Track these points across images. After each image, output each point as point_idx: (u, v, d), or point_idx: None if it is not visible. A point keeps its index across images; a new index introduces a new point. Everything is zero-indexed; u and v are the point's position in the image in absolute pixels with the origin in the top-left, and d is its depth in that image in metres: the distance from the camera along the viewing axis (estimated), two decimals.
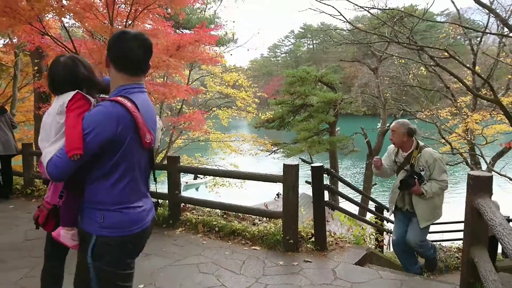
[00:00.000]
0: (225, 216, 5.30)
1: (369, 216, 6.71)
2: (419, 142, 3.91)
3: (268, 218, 5.07)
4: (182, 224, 5.13)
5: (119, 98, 1.73)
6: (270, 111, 20.43)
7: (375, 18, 12.73)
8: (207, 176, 19.78)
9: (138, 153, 1.82)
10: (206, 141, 17.16)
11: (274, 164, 22.89)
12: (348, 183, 5.09)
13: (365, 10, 11.17)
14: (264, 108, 21.55)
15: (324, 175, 4.31)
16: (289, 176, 4.22)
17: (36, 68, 10.56)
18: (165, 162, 6.06)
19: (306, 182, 4.69)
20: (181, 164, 5.33)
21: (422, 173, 3.75)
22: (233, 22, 24.20)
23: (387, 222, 6.07)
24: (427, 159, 3.76)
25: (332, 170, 4.35)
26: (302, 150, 17.87)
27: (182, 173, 5.56)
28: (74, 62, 2.04)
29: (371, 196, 19.31)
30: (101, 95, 4.35)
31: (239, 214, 5.30)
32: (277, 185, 4.98)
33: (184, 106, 16.11)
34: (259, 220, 5.17)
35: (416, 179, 3.69)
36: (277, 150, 19.08)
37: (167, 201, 5.29)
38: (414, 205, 3.83)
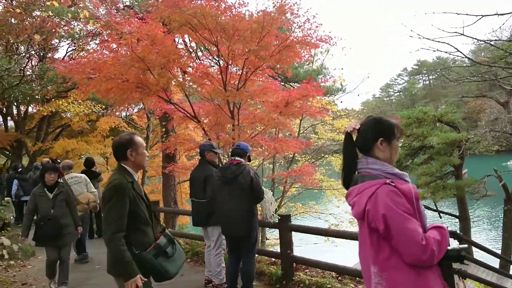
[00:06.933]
0: (340, 278, 5.02)
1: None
2: None
3: None
4: (295, 285, 4.98)
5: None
6: None
7: (499, 49, 11.54)
8: None
9: None
10: (319, 189, 16.96)
11: None
12: (481, 246, 4.43)
13: (487, 43, 10.25)
14: None
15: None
16: None
17: (163, 130, 11.87)
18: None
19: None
20: (292, 222, 5.28)
21: None
22: (342, 69, 24.26)
23: None
24: None
25: (459, 232, 3.83)
26: (425, 196, 16.37)
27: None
28: None
29: None
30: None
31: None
32: None
33: (296, 154, 16.30)
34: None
35: None
36: None
37: (280, 260, 5.25)
38: None
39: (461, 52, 9.84)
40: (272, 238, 15.58)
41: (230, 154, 4.73)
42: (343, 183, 2.04)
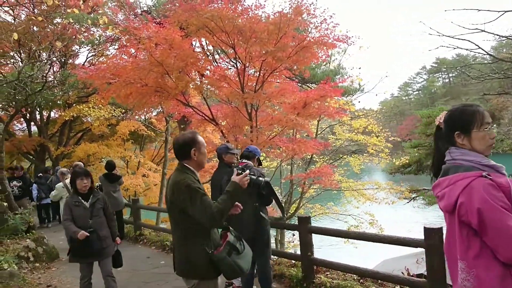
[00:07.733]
0: (361, 281, 4.96)
1: None
2: None
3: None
4: None
5: None
6: (405, 155, 19.10)
7: None
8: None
9: None
10: (338, 190, 16.78)
11: (415, 212, 21.03)
12: None
13: (509, 39, 10.00)
14: (398, 152, 20.28)
15: None
16: (431, 242, 3.77)
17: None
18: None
19: None
20: (312, 224, 5.25)
21: None
22: (359, 68, 23.98)
23: None
24: None
25: None
26: None
27: None
28: None
29: None
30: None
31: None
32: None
33: (314, 155, 16.20)
34: (401, 287, 4.69)
35: None
36: (416, 197, 17.53)
37: (300, 262, 5.22)
38: None
39: (482, 49, 9.56)
40: (285, 241, 15.47)
41: (239, 157, 4.72)
42: (433, 175, 1.93)
